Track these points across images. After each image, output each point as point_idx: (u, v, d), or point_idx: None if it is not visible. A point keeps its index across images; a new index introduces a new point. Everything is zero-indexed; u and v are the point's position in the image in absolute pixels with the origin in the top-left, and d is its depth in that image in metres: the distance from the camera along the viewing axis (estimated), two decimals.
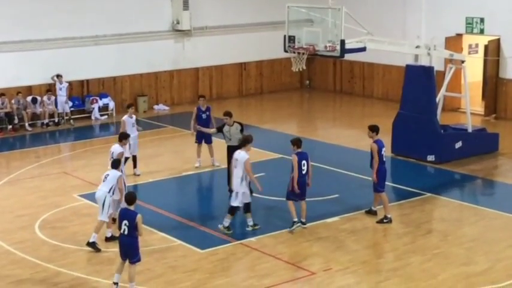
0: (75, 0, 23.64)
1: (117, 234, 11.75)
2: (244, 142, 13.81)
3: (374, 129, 14.43)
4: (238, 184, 13.52)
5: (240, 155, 13.59)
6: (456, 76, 20.25)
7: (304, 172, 13.51)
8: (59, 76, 22.96)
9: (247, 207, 13.77)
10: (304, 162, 13.51)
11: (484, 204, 15.44)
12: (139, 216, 11.09)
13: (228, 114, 15.71)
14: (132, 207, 11.20)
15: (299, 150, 13.62)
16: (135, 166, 17.24)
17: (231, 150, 15.59)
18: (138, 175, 17.22)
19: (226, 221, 13.73)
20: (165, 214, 14.97)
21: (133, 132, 16.89)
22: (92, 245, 12.89)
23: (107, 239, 13.19)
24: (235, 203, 13.61)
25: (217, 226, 13.84)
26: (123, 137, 14.69)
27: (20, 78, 22.86)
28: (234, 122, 15.70)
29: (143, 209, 15.11)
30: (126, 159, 16.98)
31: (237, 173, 13.55)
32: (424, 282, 11.72)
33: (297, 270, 12.25)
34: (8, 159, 19.64)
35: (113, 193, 13.03)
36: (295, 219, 13.66)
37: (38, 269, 12.32)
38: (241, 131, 15.59)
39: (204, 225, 14.27)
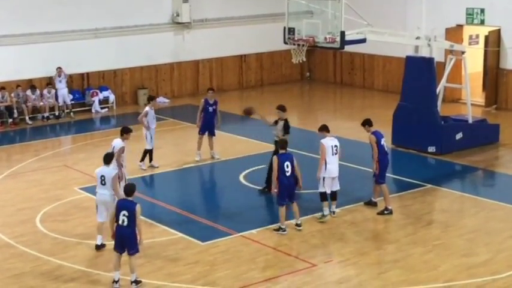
0: None
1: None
2: (326, 129, 14.08)
3: (365, 123, 14.44)
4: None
5: (336, 140, 13.92)
6: (456, 67, 20.20)
7: (288, 174, 13.16)
8: (58, 69, 22.94)
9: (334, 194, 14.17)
10: (287, 163, 13.17)
11: (485, 195, 15.45)
12: (138, 206, 11.12)
13: (281, 108, 15.36)
14: (130, 198, 11.23)
15: (283, 151, 13.35)
16: (151, 159, 17.30)
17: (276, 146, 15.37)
18: (157, 167, 17.27)
19: (332, 207, 14.12)
20: (166, 207, 14.98)
21: (153, 124, 17.11)
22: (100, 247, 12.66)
23: (98, 247, 12.76)
24: (337, 187, 13.99)
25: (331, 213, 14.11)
26: (126, 131, 14.42)
27: (20, 72, 22.83)
28: (284, 119, 15.32)
29: (144, 201, 15.13)
30: (149, 151, 17.06)
31: (337, 160, 13.86)
32: (424, 274, 11.74)
33: (298, 262, 12.26)
34: (8, 153, 19.64)
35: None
36: (283, 226, 13.41)
37: (39, 262, 12.35)
38: (285, 129, 15.07)
39: (204, 218, 14.29)
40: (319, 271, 11.93)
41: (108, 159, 12.73)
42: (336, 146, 13.83)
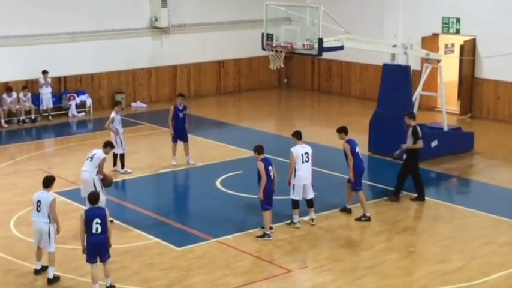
0: None
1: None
2: (297, 136, 13.97)
3: (341, 130, 14.51)
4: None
5: (307, 147, 13.84)
6: (432, 75, 20.40)
7: (272, 178, 13.21)
8: (44, 72, 22.78)
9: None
10: (270, 167, 13.20)
11: (459, 203, 15.60)
12: (107, 210, 11.32)
13: (409, 115, 15.72)
14: (96, 206, 11.31)
15: (263, 156, 13.29)
16: (123, 165, 17.21)
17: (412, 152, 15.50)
18: (130, 172, 17.20)
19: (311, 214, 14.09)
20: (142, 212, 14.93)
21: (120, 128, 17.14)
22: (53, 280, 11.78)
23: (50, 281, 11.73)
24: (311, 194, 13.91)
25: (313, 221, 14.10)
26: (110, 147, 14.25)
27: None
28: (412, 126, 15.55)
29: (120, 206, 15.11)
30: (121, 155, 17.01)
31: (308, 167, 13.76)
32: (399, 280, 11.82)
33: (273, 268, 12.28)
34: None
35: (50, 220, 11.78)
36: (268, 232, 13.41)
37: (12, 267, 12.24)
38: (414, 136, 15.37)
39: (180, 223, 14.27)
40: (295, 277, 11.96)
41: (47, 183, 11.78)
42: (306, 153, 13.75)
